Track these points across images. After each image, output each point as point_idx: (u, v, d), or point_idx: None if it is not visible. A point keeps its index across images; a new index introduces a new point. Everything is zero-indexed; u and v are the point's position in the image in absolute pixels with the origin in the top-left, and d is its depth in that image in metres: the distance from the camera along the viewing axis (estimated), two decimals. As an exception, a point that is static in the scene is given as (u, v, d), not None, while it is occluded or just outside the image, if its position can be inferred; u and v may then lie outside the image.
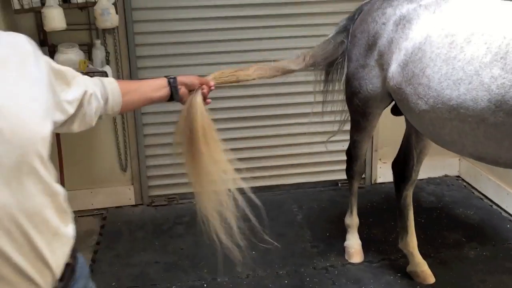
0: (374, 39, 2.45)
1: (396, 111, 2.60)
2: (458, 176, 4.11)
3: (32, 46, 1.20)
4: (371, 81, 2.52)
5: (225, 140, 3.57)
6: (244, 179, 3.91)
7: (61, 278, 1.17)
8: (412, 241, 2.85)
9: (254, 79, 2.45)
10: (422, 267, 2.84)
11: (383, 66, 2.42)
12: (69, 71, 1.35)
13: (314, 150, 3.91)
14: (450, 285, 2.79)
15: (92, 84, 1.44)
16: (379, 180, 4.01)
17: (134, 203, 3.78)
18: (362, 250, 3.07)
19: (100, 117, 1.48)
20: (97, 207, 3.72)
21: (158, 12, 3.45)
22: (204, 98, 1.84)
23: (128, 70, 3.50)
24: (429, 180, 4.05)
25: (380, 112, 2.67)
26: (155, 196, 3.83)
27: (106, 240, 3.36)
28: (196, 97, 1.81)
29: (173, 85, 1.68)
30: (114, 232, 3.44)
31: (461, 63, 2.01)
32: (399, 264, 2.98)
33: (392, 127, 3.39)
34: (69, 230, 1.22)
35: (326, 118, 3.64)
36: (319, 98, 3.61)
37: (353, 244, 3.07)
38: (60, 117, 1.27)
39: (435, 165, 4.05)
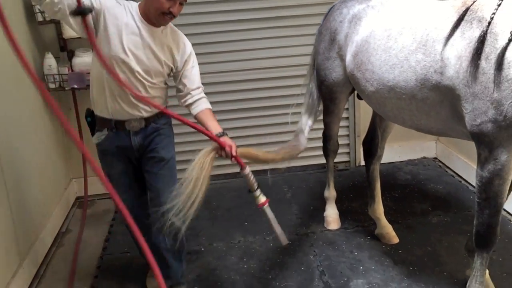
0: (334, 34, 2.93)
1: (360, 95, 3.06)
2: (435, 158, 4.54)
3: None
4: (334, 70, 2.99)
5: (226, 129, 4.09)
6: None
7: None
8: (378, 208, 3.30)
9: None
10: (387, 229, 3.28)
11: (342, 57, 2.90)
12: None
13: (304, 137, 4.38)
14: (411, 244, 3.23)
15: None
16: (362, 163, 4.44)
17: (144, 187, 4.30)
18: (339, 219, 3.53)
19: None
20: (113, 191, 4.25)
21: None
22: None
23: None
24: (408, 162, 4.49)
25: (345, 96, 3.13)
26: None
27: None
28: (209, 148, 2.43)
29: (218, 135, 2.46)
30: (127, 210, 3.96)
31: (395, 51, 2.48)
32: (370, 230, 3.43)
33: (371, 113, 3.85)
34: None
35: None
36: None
37: (331, 213, 3.53)
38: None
39: (414, 148, 4.50)
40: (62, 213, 3.83)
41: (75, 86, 3.59)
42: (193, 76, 2.55)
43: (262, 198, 2.52)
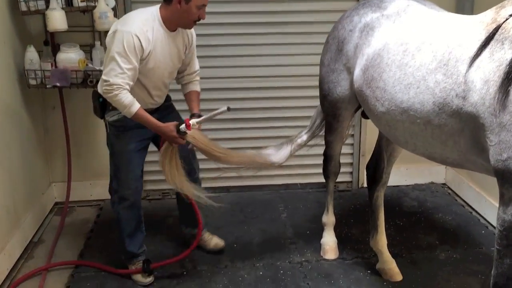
0: (342, 44, 2.62)
1: (365, 114, 2.75)
2: (444, 184, 4.21)
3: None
4: (339, 84, 2.68)
5: (220, 140, 3.78)
6: (236, 178, 4.10)
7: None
8: (381, 240, 2.98)
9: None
10: (390, 264, 2.96)
11: (350, 69, 2.59)
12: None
13: (305, 153, 4.05)
14: (415, 283, 2.91)
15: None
16: (365, 184, 4.09)
17: (130, 196, 3.99)
18: (337, 247, 3.21)
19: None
20: (95, 198, 3.95)
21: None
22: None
23: (128, 71, 3.73)
24: (415, 187, 4.16)
25: (349, 113, 2.82)
26: (151, 190, 4.04)
27: (99, 228, 3.59)
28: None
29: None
30: (108, 222, 3.64)
31: (411, 69, 2.17)
32: (371, 262, 3.10)
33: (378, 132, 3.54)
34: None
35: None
36: (309, 103, 3.83)
37: (328, 241, 3.21)
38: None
39: (422, 172, 4.17)
40: (36, 221, 3.52)
41: (57, 84, 3.29)
42: (193, 61, 2.91)
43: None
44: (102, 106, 2.75)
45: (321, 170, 3.26)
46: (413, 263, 3.10)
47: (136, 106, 2.56)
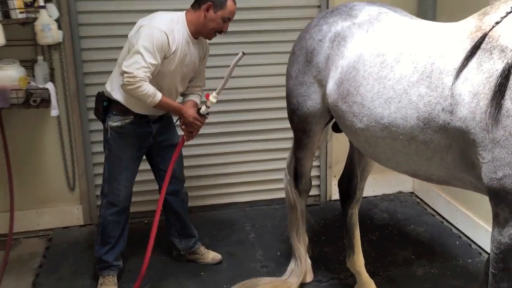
0: (311, 55, 2.44)
1: (336, 128, 2.59)
2: (412, 193, 4.12)
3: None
4: (310, 97, 2.49)
5: (200, 155, 3.47)
6: (197, 197, 3.83)
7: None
8: (358, 260, 2.82)
9: None
10: (369, 286, 2.80)
11: (321, 82, 2.41)
12: None
13: (269, 168, 3.87)
14: (396, 304, 2.77)
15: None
16: (334, 197, 3.97)
17: (82, 223, 3.66)
18: (311, 269, 3.03)
19: None
20: (43, 227, 3.59)
21: (105, 28, 3.39)
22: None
23: (76, 87, 3.42)
24: (383, 197, 4.06)
25: (320, 128, 2.64)
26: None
27: (49, 263, 3.24)
28: None
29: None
30: (59, 254, 3.32)
31: (391, 82, 2.01)
32: (348, 283, 2.94)
33: (345, 143, 3.37)
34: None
35: (281, 135, 3.67)
36: (274, 115, 3.66)
37: (302, 263, 3.02)
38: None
39: (389, 181, 4.06)
40: (-24, 259, 3.15)
41: (-4, 106, 2.95)
42: (201, 75, 2.92)
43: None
44: (105, 109, 2.74)
45: (288, 185, 3.07)
46: (390, 281, 2.97)
47: (159, 95, 2.58)
